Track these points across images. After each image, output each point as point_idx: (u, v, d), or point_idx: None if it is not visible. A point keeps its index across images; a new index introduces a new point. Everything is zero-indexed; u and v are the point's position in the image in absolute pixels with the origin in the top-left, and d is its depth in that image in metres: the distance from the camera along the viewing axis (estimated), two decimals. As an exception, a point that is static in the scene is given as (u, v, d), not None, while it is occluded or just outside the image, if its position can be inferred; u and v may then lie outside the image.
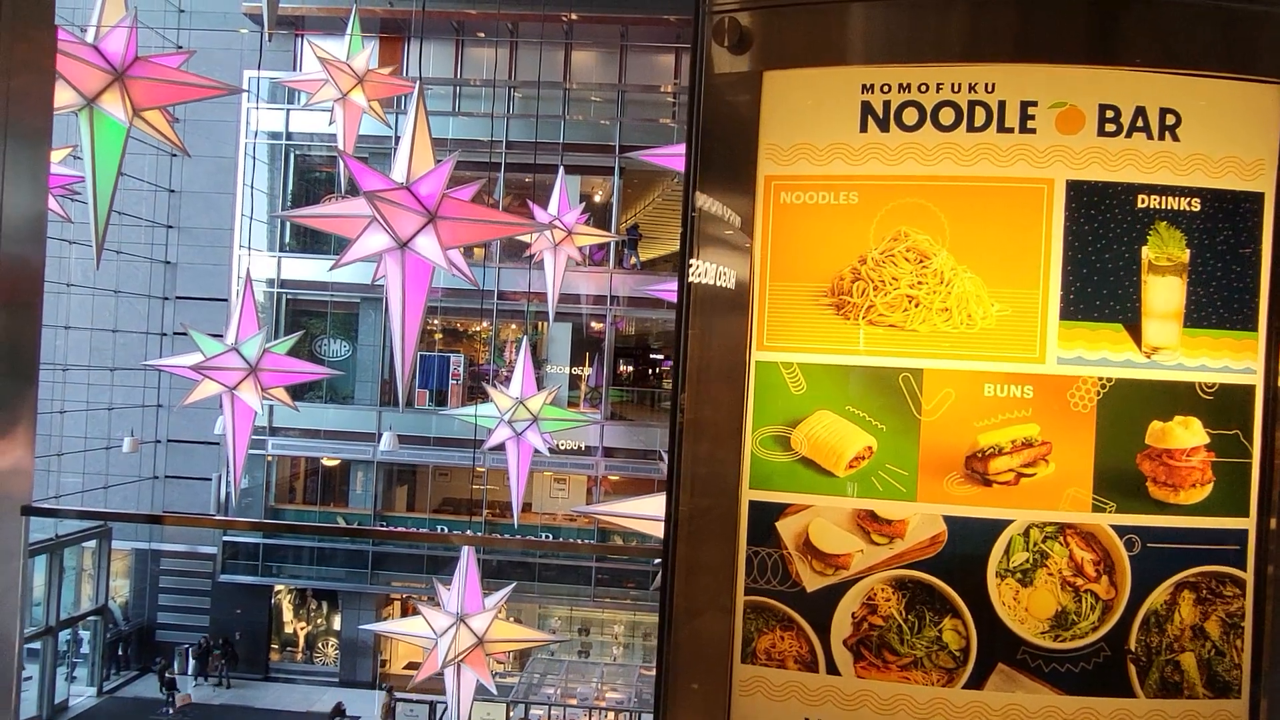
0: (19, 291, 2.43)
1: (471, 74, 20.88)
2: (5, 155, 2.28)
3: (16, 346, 2.48)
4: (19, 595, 2.46)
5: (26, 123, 2.34)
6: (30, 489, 2.64)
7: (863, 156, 1.62)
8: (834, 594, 1.61)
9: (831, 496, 1.62)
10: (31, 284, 2.49)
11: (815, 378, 1.63)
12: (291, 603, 22.27)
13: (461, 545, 8.71)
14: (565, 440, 18.77)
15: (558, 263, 11.61)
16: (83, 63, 5.92)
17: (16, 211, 2.33)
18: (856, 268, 1.61)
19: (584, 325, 20.90)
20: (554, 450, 12.10)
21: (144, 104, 6.36)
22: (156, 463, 20.93)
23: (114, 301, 20.14)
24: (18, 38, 2.27)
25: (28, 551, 2.68)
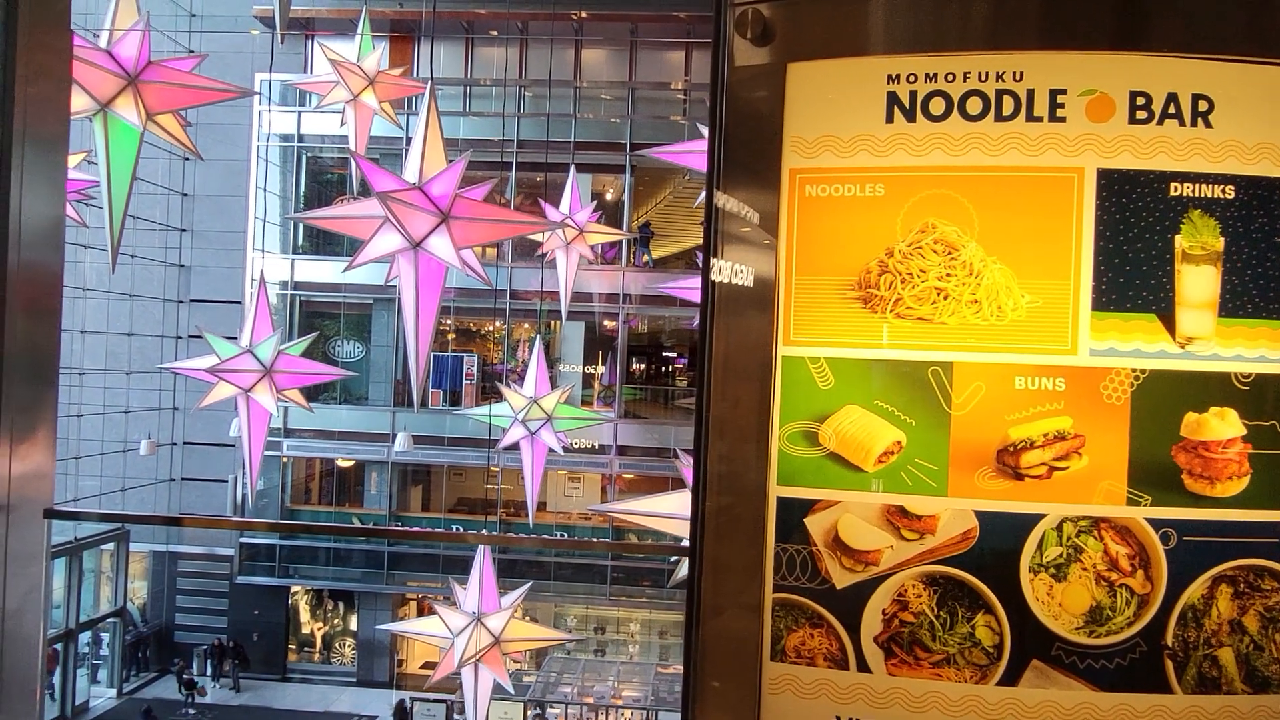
0: (38, 297, 2.44)
1: (482, 74, 20.91)
2: (23, 162, 2.29)
3: (37, 351, 2.49)
4: (42, 597, 2.46)
5: (44, 129, 2.35)
6: (52, 492, 2.65)
7: (889, 148, 1.60)
8: (864, 591, 1.60)
9: (860, 492, 1.60)
10: (51, 289, 2.49)
11: (843, 372, 1.61)
12: (308, 603, 22.39)
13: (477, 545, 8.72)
14: (579, 439, 18.78)
15: (570, 261, 11.62)
16: (96, 68, 5.95)
17: (35, 218, 2.35)
18: (884, 260, 1.59)
19: (597, 324, 20.89)
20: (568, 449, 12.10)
21: (157, 108, 6.39)
22: (173, 465, 21.07)
23: (129, 305, 20.28)
24: (35, 45, 2.29)
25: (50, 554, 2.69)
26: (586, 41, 21.02)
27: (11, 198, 2.30)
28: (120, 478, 19.76)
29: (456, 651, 8.14)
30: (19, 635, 2.35)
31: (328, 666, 22.04)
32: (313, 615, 22.45)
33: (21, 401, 2.46)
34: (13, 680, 2.34)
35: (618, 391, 20.42)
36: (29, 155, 2.31)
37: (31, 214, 2.34)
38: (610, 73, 21.11)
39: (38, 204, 2.36)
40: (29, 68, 2.29)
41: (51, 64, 2.38)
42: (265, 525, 14.15)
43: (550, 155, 18.69)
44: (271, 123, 20.68)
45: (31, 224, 2.35)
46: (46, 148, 2.38)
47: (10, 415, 2.51)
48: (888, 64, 1.59)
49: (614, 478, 20.23)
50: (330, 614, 22.53)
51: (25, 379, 2.49)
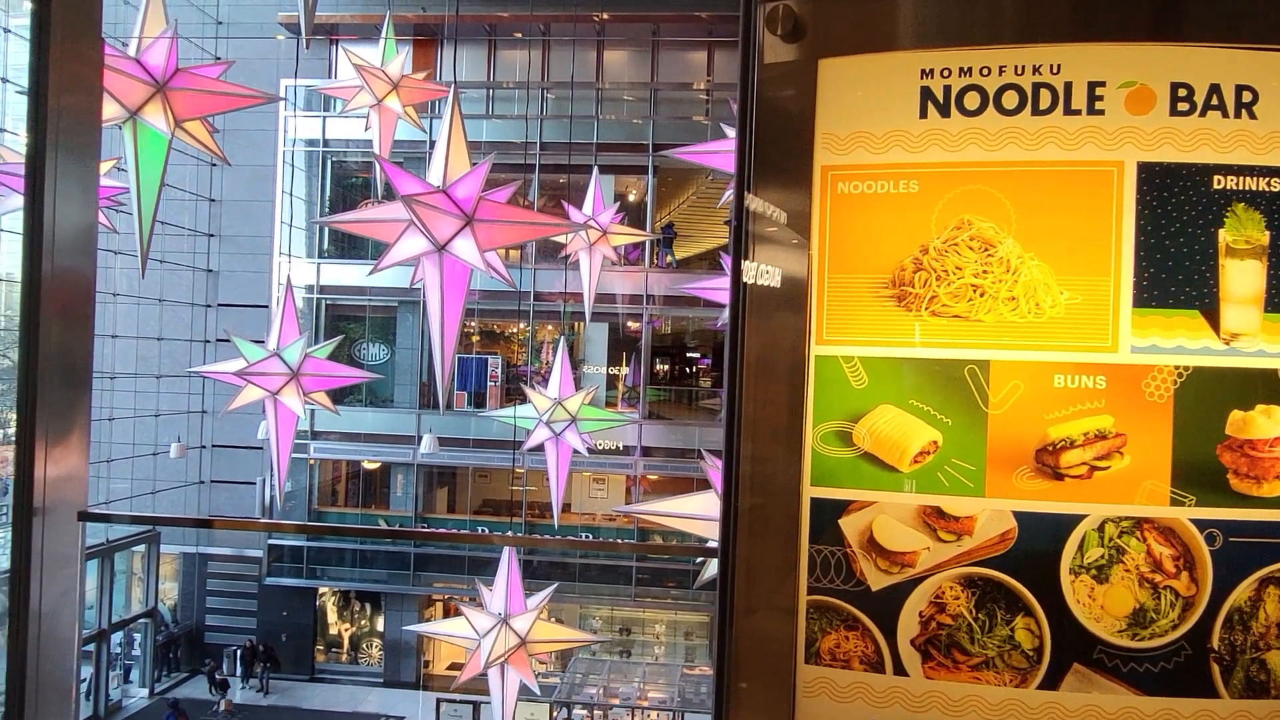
0: (72, 303, 2.46)
1: (504, 76, 20.99)
2: (57, 170, 2.32)
3: (71, 356, 2.51)
4: (77, 598, 2.49)
5: (76, 138, 2.38)
6: (86, 495, 2.67)
7: (923, 143, 1.57)
8: (900, 592, 1.57)
9: (896, 493, 1.58)
10: (84, 295, 2.52)
11: (877, 371, 1.59)
12: (336, 604, 22.56)
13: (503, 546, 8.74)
14: (604, 440, 18.80)
15: (593, 263, 11.62)
16: (126, 76, 6.03)
17: (68, 225, 2.38)
18: (918, 258, 1.57)
19: (620, 325, 20.90)
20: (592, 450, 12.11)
21: (185, 114, 6.46)
22: (202, 468, 21.31)
23: (159, 310, 20.55)
24: (67, 55, 2.32)
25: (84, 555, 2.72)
26: (608, 43, 21.04)
27: (45, 206, 2.33)
28: (151, 480, 20.02)
29: (483, 652, 8.17)
30: (54, 635, 2.38)
31: (355, 667, 22.19)
32: (340, 616, 22.62)
33: (56, 406, 2.48)
34: (49, 680, 2.36)
35: (642, 392, 20.41)
36: (62, 164, 2.34)
37: (65, 221, 2.37)
38: (632, 74, 21.12)
39: (71, 212, 2.39)
40: (62, 78, 2.32)
41: (84, 74, 2.41)
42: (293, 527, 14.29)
43: (573, 157, 18.73)
44: (297, 128, 20.87)
45: (65, 231, 2.38)
46: (79, 156, 2.41)
47: (45, 419, 2.53)
48: (921, 58, 1.57)
49: (638, 479, 20.22)
50: (357, 615, 22.69)
51: (59, 384, 2.51)
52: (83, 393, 2.65)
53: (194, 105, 6.46)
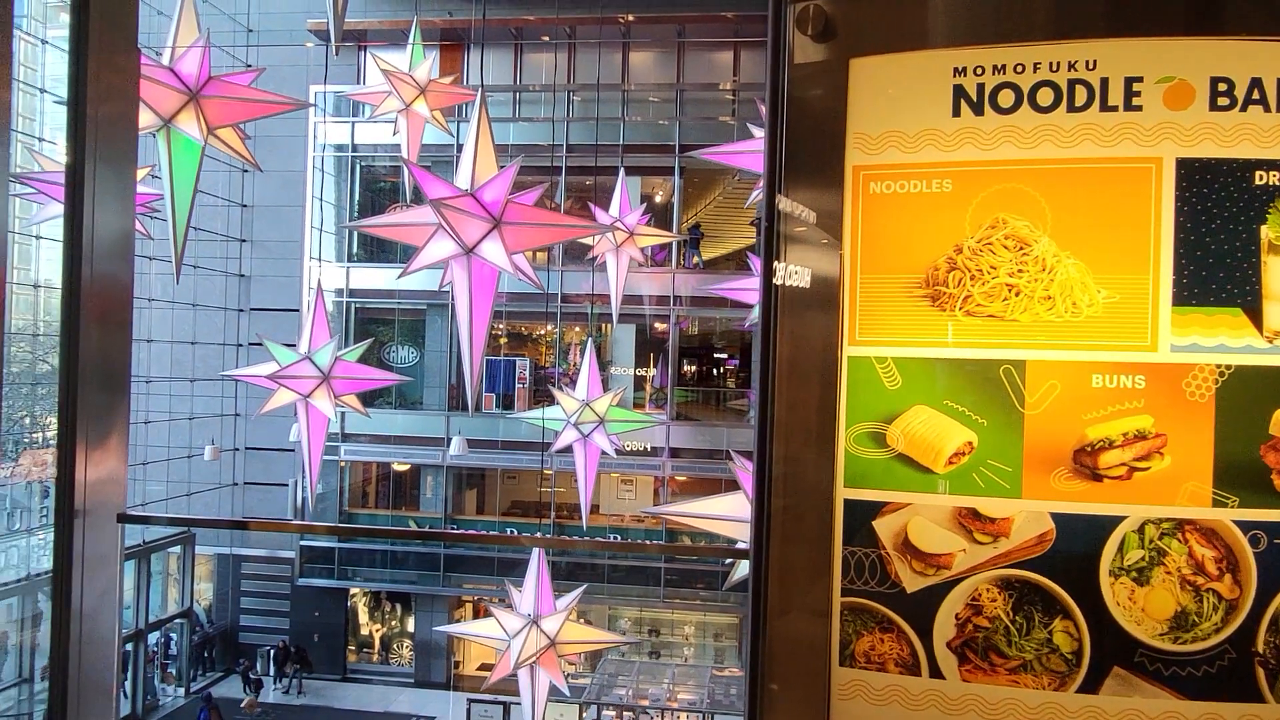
0: (110, 308, 2.50)
1: (530, 79, 21.08)
2: (95, 178, 2.36)
3: (109, 361, 2.54)
4: (116, 599, 2.52)
5: (114, 147, 2.41)
6: (124, 497, 2.70)
7: (956, 142, 1.56)
8: (936, 595, 1.56)
9: (931, 494, 1.56)
10: (122, 301, 2.55)
11: (911, 372, 1.57)
12: (367, 605, 22.75)
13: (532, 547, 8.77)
14: (631, 441, 18.79)
15: (620, 264, 11.64)
16: (160, 85, 6.12)
17: (106, 232, 2.41)
18: (952, 257, 1.55)
19: (648, 326, 20.89)
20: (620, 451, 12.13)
21: (217, 122, 6.55)
22: (236, 470, 21.58)
23: (192, 315, 20.85)
24: (104, 66, 2.35)
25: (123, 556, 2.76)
26: (634, 44, 21.05)
27: (85, 213, 2.35)
28: (186, 482, 20.31)
29: (513, 653, 8.20)
30: (95, 635, 2.41)
31: (386, 667, 22.36)
32: (371, 617, 22.81)
33: (95, 409, 2.51)
34: (90, 678, 2.40)
35: (669, 394, 20.39)
36: (100, 172, 2.37)
37: (103, 228, 2.41)
38: (658, 75, 21.12)
39: (109, 219, 2.42)
40: (99, 88, 2.35)
41: (120, 84, 2.44)
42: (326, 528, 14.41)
43: (599, 159, 18.75)
44: (326, 133, 21.10)
45: (103, 238, 2.41)
46: (116, 164, 2.44)
47: (85, 423, 2.55)
48: (953, 56, 1.55)
49: (666, 480, 20.20)
50: (388, 615, 22.87)
51: (99, 388, 2.53)
52: (121, 396, 2.67)
53: (226, 112, 6.54)
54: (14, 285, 22.15)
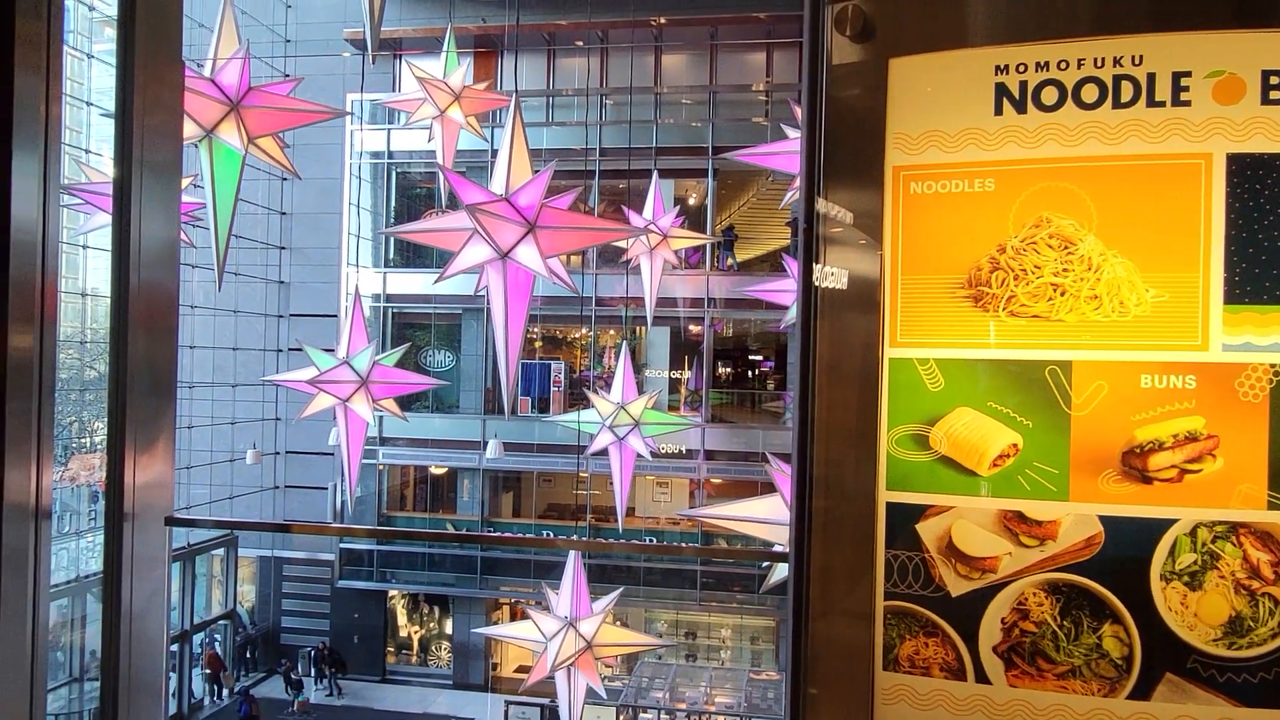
0: (157, 315, 2.53)
1: (563, 84, 21.17)
2: (141, 188, 2.39)
3: (156, 367, 2.57)
4: (164, 600, 2.56)
5: (159, 157, 2.45)
6: (172, 500, 2.73)
7: (998, 141, 1.54)
8: (981, 599, 1.53)
9: (975, 497, 1.54)
10: (168, 308, 2.58)
11: (953, 373, 1.55)
12: (405, 607, 22.97)
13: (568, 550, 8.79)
14: (666, 444, 18.78)
15: (654, 267, 11.66)
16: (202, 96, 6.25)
17: (152, 240, 2.44)
18: (995, 257, 1.53)
19: (682, 328, 20.88)
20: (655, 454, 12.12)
21: (257, 131, 6.66)
22: (277, 473, 21.91)
23: (234, 321, 21.21)
24: (150, 78, 2.39)
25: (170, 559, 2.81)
26: (666, 47, 21.06)
27: (132, 222, 2.38)
28: (228, 486, 20.67)
29: (550, 655, 8.23)
30: (144, 635, 2.45)
31: (425, 669, 22.55)
32: (410, 619, 23.02)
33: (143, 415, 2.53)
34: (139, 678, 2.43)
35: (704, 396, 20.35)
36: (146, 182, 2.40)
37: (149, 237, 2.44)
38: (690, 77, 21.11)
39: (155, 227, 2.45)
40: (145, 100, 2.38)
41: (165, 96, 2.47)
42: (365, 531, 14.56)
43: (633, 162, 18.78)
44: (363, 141, 21.36)
45: (149, 246, 2.44)
46: (161, 174, 2.47)
47: (133, 428, 2.57)
48: (995, 54, 1.54)
49: (702, 482, 20.16)
50: (426, 617, 23.06)
51: (146, 393, 2.56)
52: (168, 401, 2.69)
53: (266, 122, 6.65)
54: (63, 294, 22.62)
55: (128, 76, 2.38)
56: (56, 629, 18.13)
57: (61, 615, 18.13)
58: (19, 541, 2.05)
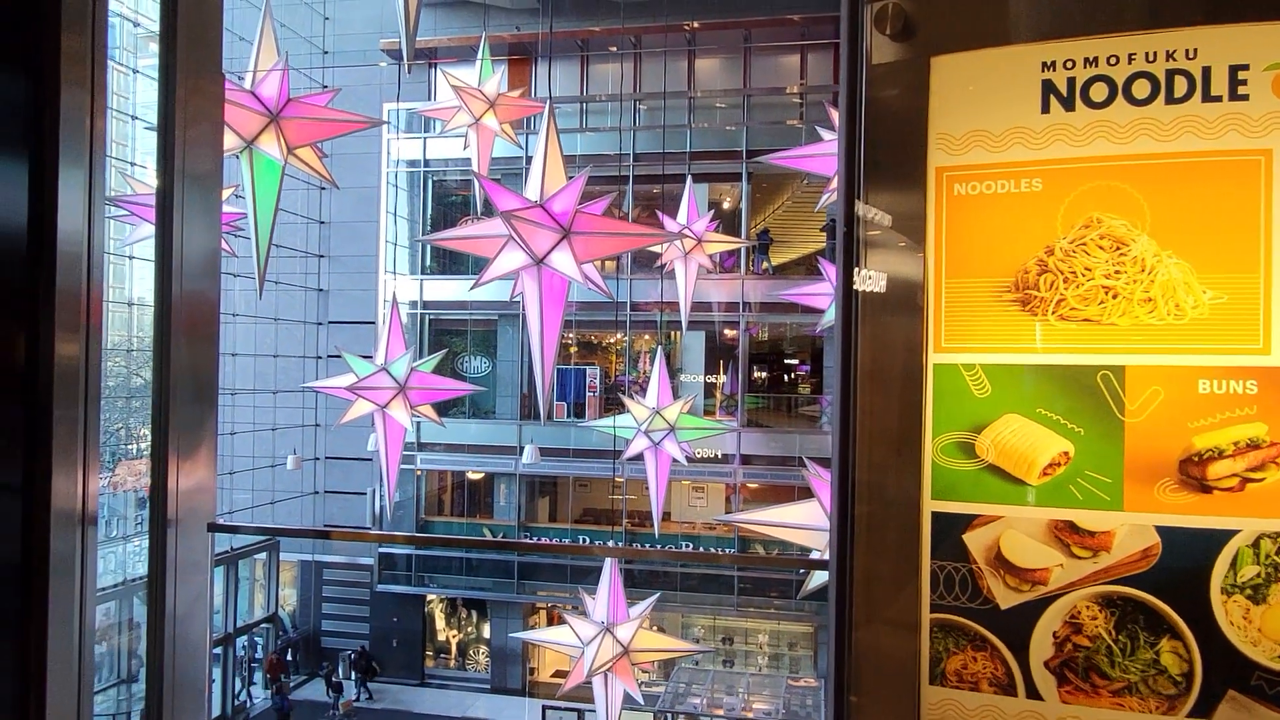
0: (199, 324, 2.56)
1: (597, 90, 21.22)
2: (183, 199, 2.43)
3: (199, 374, 2.62)
4: (207, 604, 2.60)
5: (200, 168, 2.48)
6: (214, 506, 2.76)
7: (1046, 139, 1.49)
8: (1032, 612, 1.48)
9: (1024, 507, 1.49)
10: (209, 316, 2.62)
11: (1001, 379, 1.51)
12: (444, 611, 23.11)
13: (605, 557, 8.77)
14: (702, 449, 18.71)
15: (689, 271, 11.61)
16: (242, 108, 6.34)
17: (194, 250, 2.48)
18: (1043, 259, 1.48)
19: (717, 333, 20.80)
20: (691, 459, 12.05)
21: (297, 142, 6.75)
22: (317, 479, 22.18)
23: (274, 329, 21.53)
24: (191, 91, 2.43)
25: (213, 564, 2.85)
26: (699, 51, 21.03)
27: (174, 232, 2.43)
28: (270, 491, 20.96)
29: (586, 660, 8.21)
30: (187, 639, 2.49)
31: (463, 673, 22.66)
32: (448, 623, 23.16)
33: (186, 422, 2.58)
34: (183, 680, 2.47)
35: (740, 400, 20.24)
36: (188, 193, 2.44)
37: (191, 247, 2.47)
38: (724, 81, 21.05)
39: (197, 237, 2.49)
40: (187, 112, 2.43)
41: (206, 108, 2.51)
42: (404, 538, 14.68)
43: (666, 166, 18.76)
44: (399, 150, 21.58)
45: (192, 256, 2.48)
46: (203, 185, 2.51)
47: (176, 435, 2.60)
48: (1041, 50, 1.49)
49: (738, 487, 20.05)
50: (464, 622, 23.18)
51: (189, 400, 2.60)
52: (210, 409, 2.73)
53: (305, 132, 6.73)
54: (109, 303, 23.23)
55: (169, 90, 2.42)
56: (106, 631, 18.51)
57: (110, 618, 18.51)
58: (66, 547, 2.07)
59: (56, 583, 2.00)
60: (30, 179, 1.95)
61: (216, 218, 2.66)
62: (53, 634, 1.99)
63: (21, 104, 1.94)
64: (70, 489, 2.08)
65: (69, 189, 1.98)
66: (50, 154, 1.93)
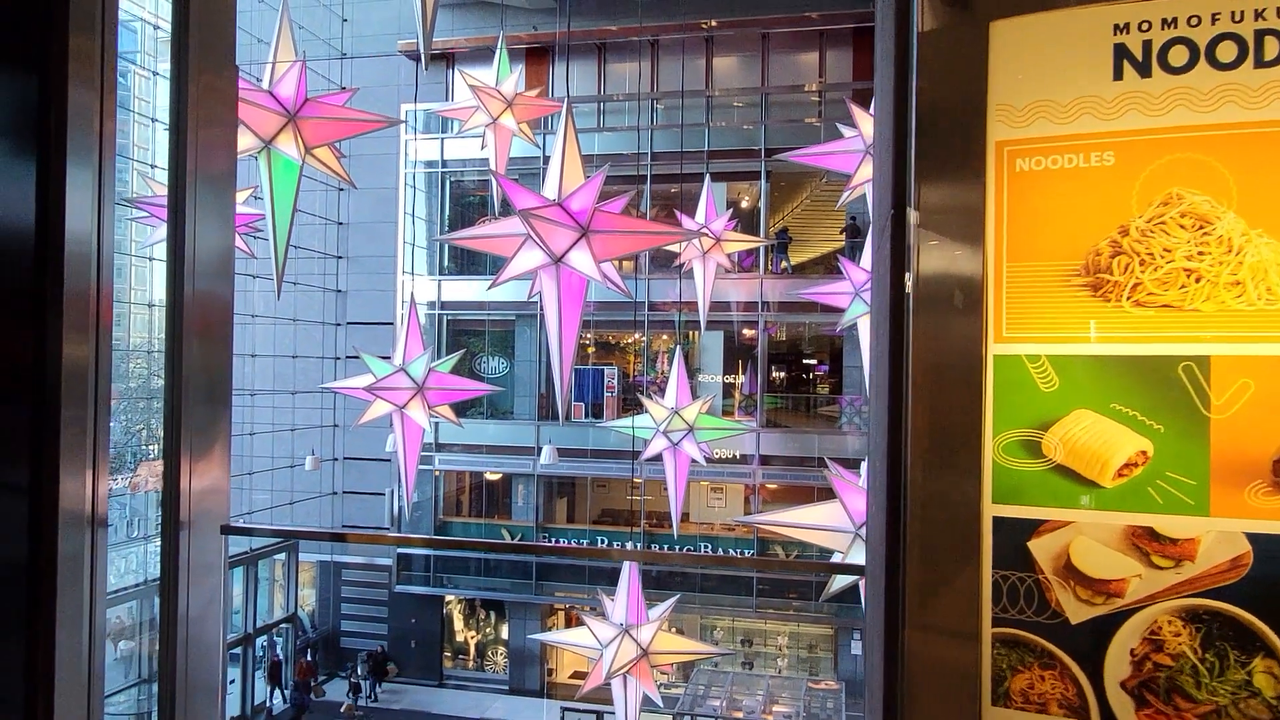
0: (212, 324, 2.55)
1: (614, 89, 21.14)
2: (195, 200, 2.42)
3: (212, 375, 2.59)
4: (221, 605, 2.58)
5: (214, 170, 2.48)
6: (227, 507, 2.74)
7: (1118, 109, 1.35)
8: (1106, 627, 1.35)
9: (1097, 511, 1.35)
10: (223, 316, 2.61)
11: (1070, 372, 1.37)
12: (462, 612, 23.10)
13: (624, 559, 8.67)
14: (721, 449, 18.59)
15: (707, 271, 11.50)
16: (259, 108, 6.30)
17: (207, 250, 2.47)
18: (1117, 240, 1.34)
19: (735, 333, 20.65)
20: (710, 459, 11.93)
21: (314, 141, 6.70)
22: (335, 479, 22.23)
23: (293, 329, 21.60)
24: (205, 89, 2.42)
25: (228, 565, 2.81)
26: (717, 49, 20.91)
27: (186, 233, 2.42)
28: (289, 491, 21.02)
29: (605, 662, 8.13)
30: (201, 640, 2.48)
31: (481, 674, 22.63)
32: (466, 624, 23.14)
33: (199, 422, 2.56)
34: (197, 681, 2.46)
35: (759, 400, 20.09)
36: (201, 193, 2.44)
37: (204, 247, 2.47)
38: (742, 79, 20.91)
39: (210, 237, 2.48)
40: (199, 113, 2.41)
41: (219, 108, 2.50)
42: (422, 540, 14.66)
43: (684, 165, 18.64)
44: (417, 150, 21.59)
45: (204, 255, 2.47)
46: (216, 186, 2.50)
47: (189, 436, 2.60)
48: (1113, 12, 1.36)
49: (757, 488, 19.90)
50: (482, 623, 23.16)
51: (201, 401, 2.58)
52: (224, 409, 2.72)
53: (322, 132, 6.69)
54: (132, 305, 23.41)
55: (181, 88, 2.42)
56: (128, 631, 18.62)
57: (132, 618, 18.60)
58: (75, 549, 2.02)
59: (64, 584, 1.97)
60: (37, 179, 1.92)
61: (230, 217, 2.64)
62: (61, 636, 1.95)
63: (28, 104, 1.92)
64: (79, 490, 2.03)
65: (76, 189, 1.95)
66: (57, 154, 1.91)
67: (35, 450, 1.96)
